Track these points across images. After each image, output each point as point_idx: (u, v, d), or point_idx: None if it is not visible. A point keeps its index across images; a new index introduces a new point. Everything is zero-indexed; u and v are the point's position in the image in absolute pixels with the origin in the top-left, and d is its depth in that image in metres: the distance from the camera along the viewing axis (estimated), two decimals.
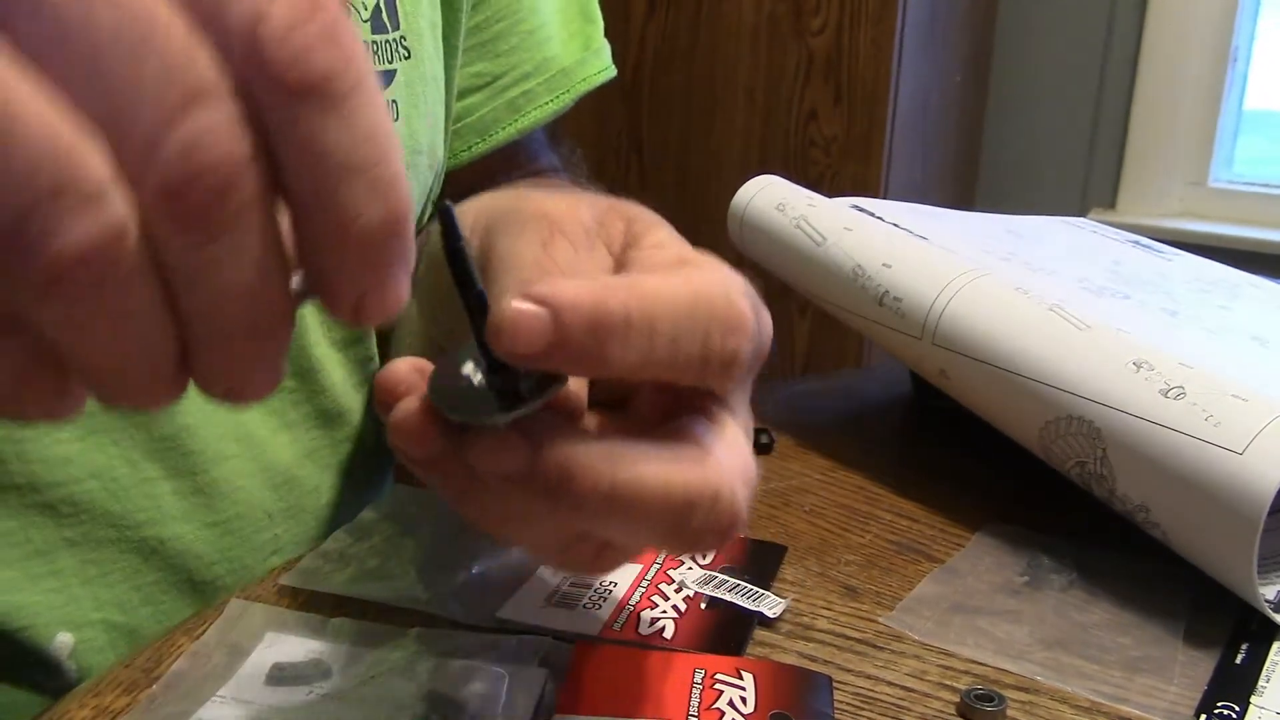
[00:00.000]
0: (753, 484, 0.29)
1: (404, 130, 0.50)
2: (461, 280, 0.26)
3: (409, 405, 0.27)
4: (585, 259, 0.31)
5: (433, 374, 0.27)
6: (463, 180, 0.57)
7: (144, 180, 0.19)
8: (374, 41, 0.47)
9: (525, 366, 0.26)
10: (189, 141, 0.19)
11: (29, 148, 0.18)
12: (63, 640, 0.43)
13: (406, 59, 0.50)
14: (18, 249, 0.18)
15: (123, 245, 0.19)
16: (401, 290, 0.22)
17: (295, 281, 0.22)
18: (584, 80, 0.60)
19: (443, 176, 0.56)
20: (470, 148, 0.58)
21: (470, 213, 0.38)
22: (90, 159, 0.18)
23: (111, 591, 0.44)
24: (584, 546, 0.29)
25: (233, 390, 0.22)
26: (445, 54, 0.54)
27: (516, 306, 0.24)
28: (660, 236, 0.32)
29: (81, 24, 0.18)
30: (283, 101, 0.20)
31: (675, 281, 0.27)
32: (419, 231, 0.55)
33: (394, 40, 0.49)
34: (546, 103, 0.59)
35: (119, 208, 0.19)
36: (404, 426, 0.27)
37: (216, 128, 0.19)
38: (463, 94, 0.57)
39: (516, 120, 0.58)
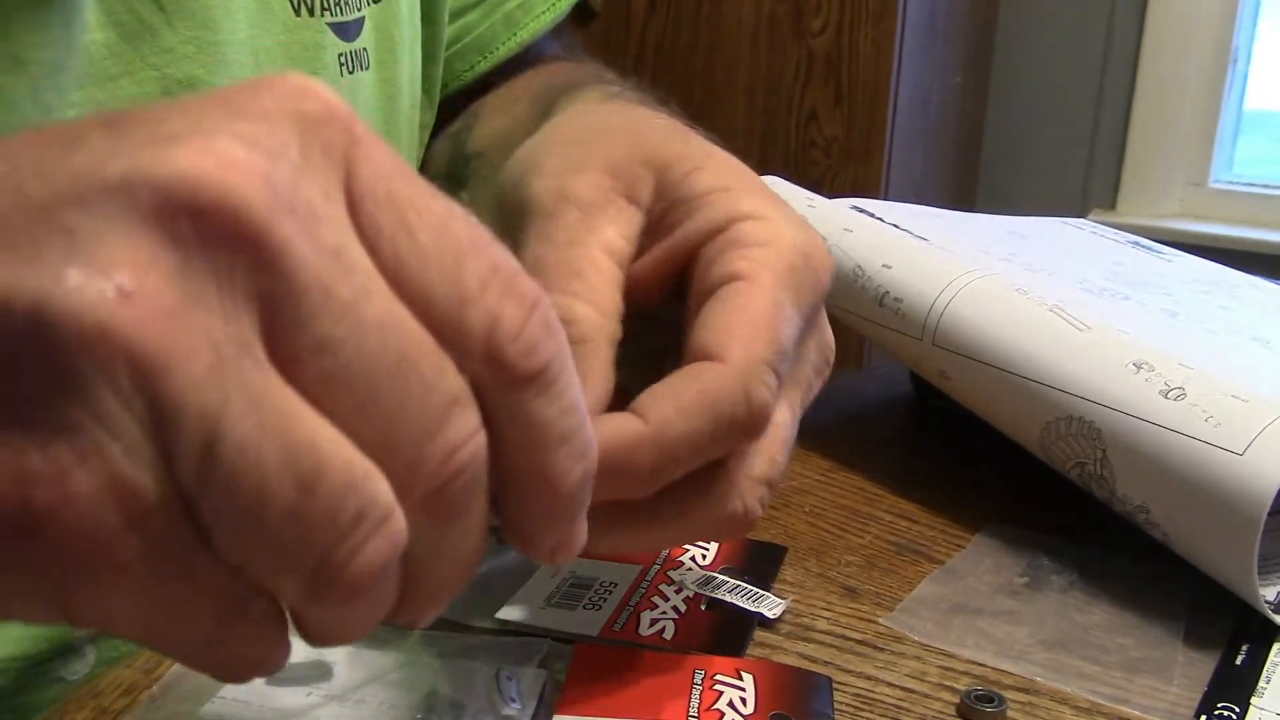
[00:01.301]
0: (776, 471, 0.32)
1: (376, 77, 0.49)
2: None
3: None
4: (600, 233, 0.32)
5: None
6: (473, 99, 0.58)
7: (410, 487, 0.21)
8: None
9: None
10: (450, 447, 0.21)
11: (333, 483, 0.20)
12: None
13: (375, 3, 0.49)
14: (321, 570, 0.20)
15: (402, 550, 0.21)
16: (586, 531, 0.25)
17: None
18: None
19: (437, 102, 0.56)
20: (473, 67, 0.58)
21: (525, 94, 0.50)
22: (379, 483, 0.20)
23: None
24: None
25: (411, 624, 0.24)
26: None
27: None
28: (702, 184, 0.33)
29: (357, 356, 0.20)
30: (511, 389, 0.22)
31: (689, 397, 0.29)
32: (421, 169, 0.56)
33: None
34: (543, 12, 0.58)
35: (401, 520, 0.21)
36: None
37: (469, 428, 0.21)
38: (458, 14, 0.57)
39: (516, 33, 0.58)
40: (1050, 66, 2.04)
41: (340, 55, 0.46)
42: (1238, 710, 0.36)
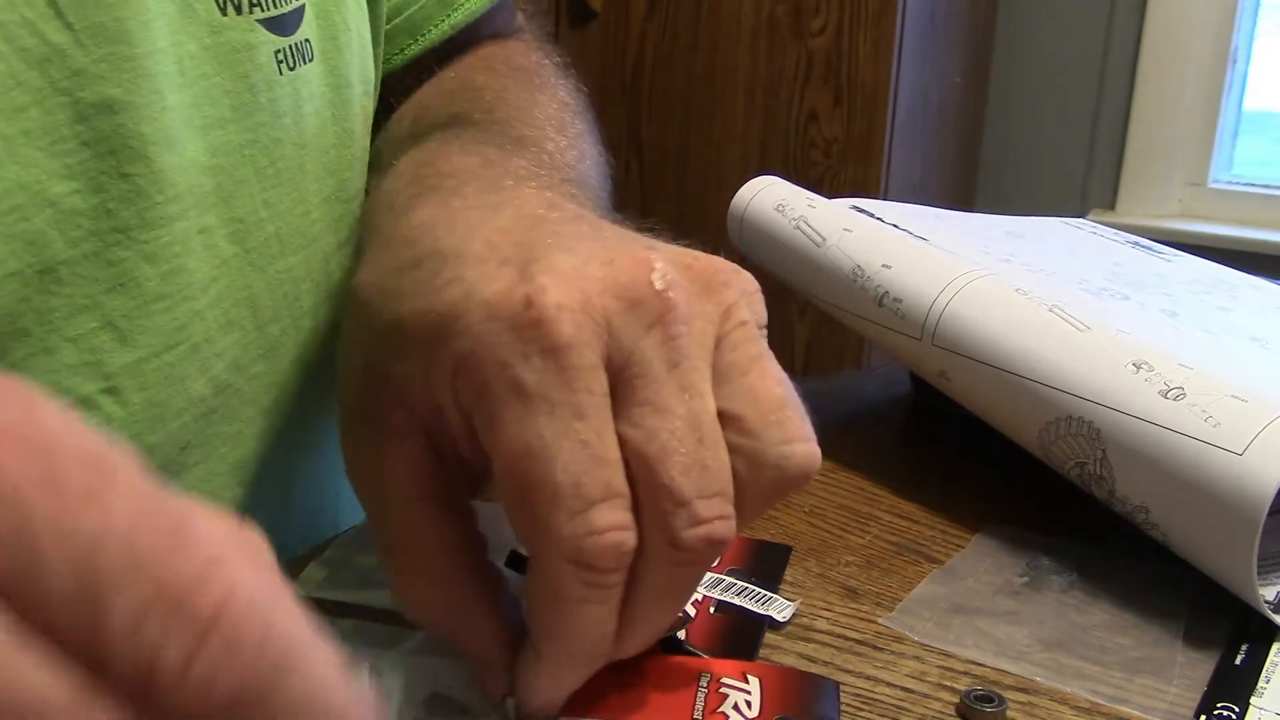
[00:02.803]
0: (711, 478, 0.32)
1: (321, 68, 0.47)
2: None
3: None
4: None
5: None
6: (407, 83, 0.55)
7: None
8: None
9: None
10: None
11: None
12: None
13: None
14: None
15: None
16: None
17: None
18: None
19: (378, 89, 0.52)
20: (403, 50, 0.55)
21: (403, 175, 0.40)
22: None
23: None
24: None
25: None
26: None
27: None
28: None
29: None
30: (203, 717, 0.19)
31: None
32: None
33: None
34: None
35: None
36: None
37: None
38: None
39: (449, 16, 0.55)
40: (1050, 67, 2.04)
41: (277, 51, 0.43)
42: (1237, 710, 0.36)
